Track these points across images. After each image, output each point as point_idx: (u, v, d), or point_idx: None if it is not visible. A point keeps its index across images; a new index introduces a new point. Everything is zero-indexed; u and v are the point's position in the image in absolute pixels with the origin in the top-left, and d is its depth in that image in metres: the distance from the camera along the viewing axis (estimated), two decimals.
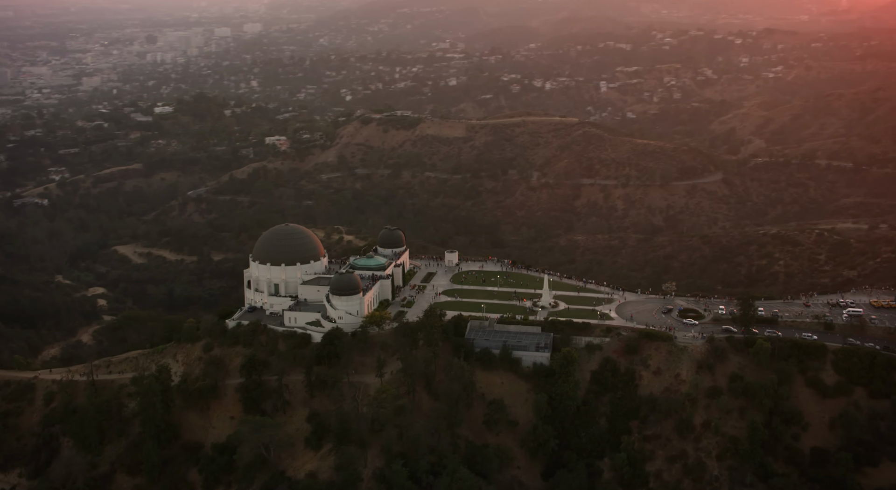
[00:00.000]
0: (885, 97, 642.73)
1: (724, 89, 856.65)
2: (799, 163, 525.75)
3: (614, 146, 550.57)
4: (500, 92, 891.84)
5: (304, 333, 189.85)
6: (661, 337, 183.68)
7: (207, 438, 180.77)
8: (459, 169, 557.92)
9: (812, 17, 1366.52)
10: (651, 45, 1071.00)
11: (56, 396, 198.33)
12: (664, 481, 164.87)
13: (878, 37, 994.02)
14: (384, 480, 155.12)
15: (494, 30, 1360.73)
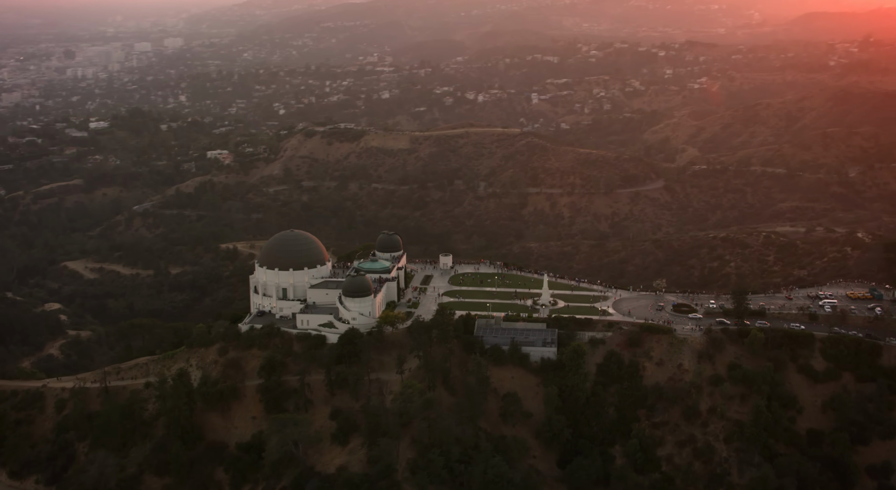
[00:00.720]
0: (809, 106, 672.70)
1: (651, 100, 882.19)
2: (735, 170, 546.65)
3: (557, 156, 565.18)
4: (434, 104, 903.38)
5: (319, 335, 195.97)
6: (661, 330, 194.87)
7: (231, 438, 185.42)
8: (406, 180, 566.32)
9: (728, 30, 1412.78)
10: (578, 57, 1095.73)
11: (68, 404, 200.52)
12: (676, 465, 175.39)
13: (794, 49, 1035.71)
14: (417, 471, 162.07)
15: (420, 43, 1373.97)
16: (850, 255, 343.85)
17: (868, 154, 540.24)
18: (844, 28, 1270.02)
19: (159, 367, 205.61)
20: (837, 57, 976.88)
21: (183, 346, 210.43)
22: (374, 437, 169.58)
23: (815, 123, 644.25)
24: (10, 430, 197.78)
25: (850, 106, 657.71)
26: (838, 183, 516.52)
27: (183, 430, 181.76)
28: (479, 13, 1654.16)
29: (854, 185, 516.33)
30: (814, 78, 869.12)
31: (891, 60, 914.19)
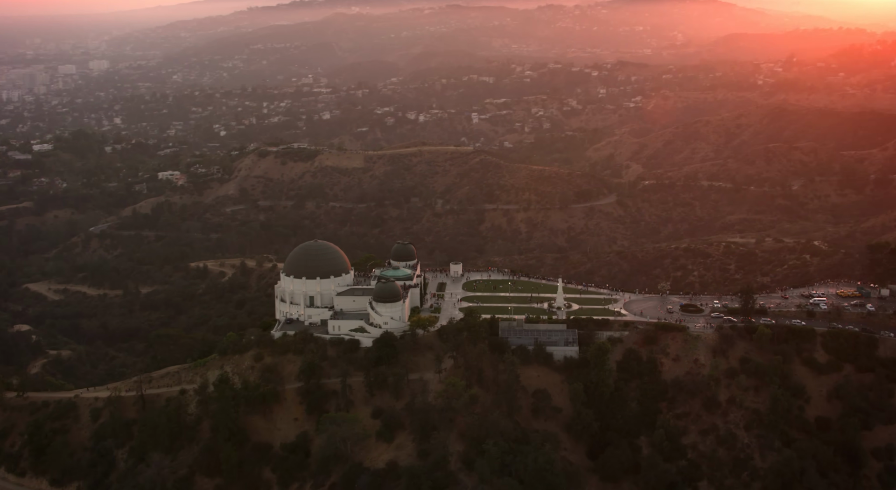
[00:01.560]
0: (747, 123, 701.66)
1: (588, 119, 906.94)
2: (683, 184, 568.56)
3: (511, 173, 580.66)
4: (376, 125, 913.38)
5: (353, 339, 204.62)
6: (676, 328, 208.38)
7: (274, 439, 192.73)
8: (364, 198, 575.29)
9: (654, 51, 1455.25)
10: (513, 77, 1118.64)
11: (103, 412, 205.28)
12: (701, 452, 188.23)
13: (722, 69, 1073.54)
14: (468, 462, 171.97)
15: (353, 65, 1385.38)
16: (810, 261, 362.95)
17: (808, 168, 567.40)
18: (764, 49, 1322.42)
19: (191, 374, 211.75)
20: (763, 76, 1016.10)
21: (213, 355, 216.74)
22: (422, 433, 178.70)
23: (752, 139, 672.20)
24: (46, 440, 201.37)
25: (785, 122, 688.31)
26: (782, 196, 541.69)
27: (230, 433, 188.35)
28: (409, 35, 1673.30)
29: (797, 198, 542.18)
30: (744, 96, 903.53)
31: (814, 79, 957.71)
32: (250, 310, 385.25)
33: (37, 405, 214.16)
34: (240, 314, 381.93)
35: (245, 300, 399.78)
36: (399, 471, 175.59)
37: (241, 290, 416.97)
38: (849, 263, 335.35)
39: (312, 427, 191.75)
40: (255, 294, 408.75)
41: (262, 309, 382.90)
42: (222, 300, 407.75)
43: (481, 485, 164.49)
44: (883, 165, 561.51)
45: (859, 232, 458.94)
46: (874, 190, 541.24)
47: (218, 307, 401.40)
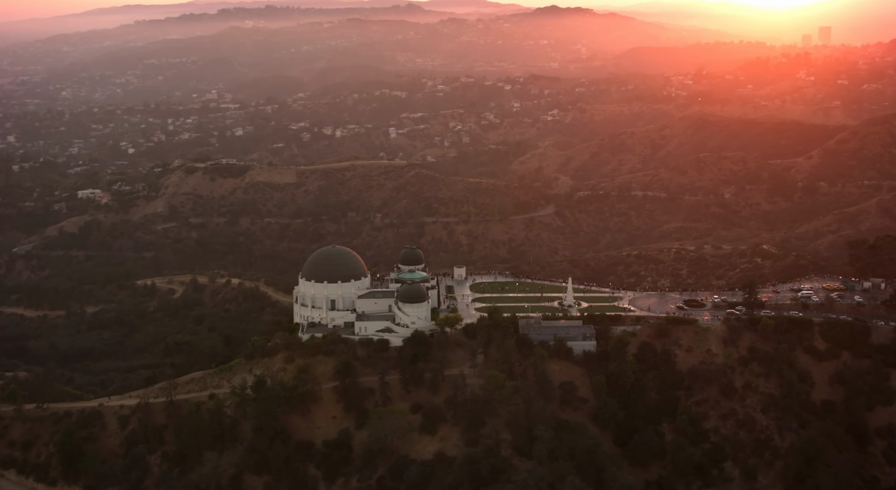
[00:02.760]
0: (671, 134, 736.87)
1: (507, 132, 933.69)
2: (618, 195, 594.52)
3: (448, 186, 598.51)
4: (291, 140, 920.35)
5: (382, 339, 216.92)
6: (685, 321, 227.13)
7: (315, 437, 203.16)
8: (300, 213, 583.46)
9: (561, 65, 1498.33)
10: (425, 92, 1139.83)
11: (131, 419, 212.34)
12: (722, 435, 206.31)
13: (633, 82, 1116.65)
14: (518, 448, 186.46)
15: (257, 80, 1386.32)
16: (762, 264, 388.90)
17: (738, 176, 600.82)
18: (669, 62, 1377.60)
19: (217, 379, 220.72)
20: (674, 89, 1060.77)
21: (238, 359, 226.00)
22: (468, 424, 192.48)
23: (678, 150, 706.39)
24: (76, 447, 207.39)
25: (708, 133, 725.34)
26: (716, 204, 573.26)
27: (274, 432, 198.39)
28: (311, 49, 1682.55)
29: (730, 206, 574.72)
30: (660, 108, 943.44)
31: (726, 91, 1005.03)
32: (211, 325, 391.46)
33: (59, 415, 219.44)
34: (200, 330, 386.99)
35: (203, 316, 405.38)
36: (447, 460, 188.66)
37: (196, 306, 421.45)
38: (802, 265, 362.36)
39: (352, 424, 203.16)
40: (212, 309, 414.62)
41: (223, 324, 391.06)
42: (178, 317, 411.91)
43: (539, 468, 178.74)
44: (809, 173, 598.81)
45: (794, 237, 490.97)
46: (802, 197, 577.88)
47: (174, 324, 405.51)
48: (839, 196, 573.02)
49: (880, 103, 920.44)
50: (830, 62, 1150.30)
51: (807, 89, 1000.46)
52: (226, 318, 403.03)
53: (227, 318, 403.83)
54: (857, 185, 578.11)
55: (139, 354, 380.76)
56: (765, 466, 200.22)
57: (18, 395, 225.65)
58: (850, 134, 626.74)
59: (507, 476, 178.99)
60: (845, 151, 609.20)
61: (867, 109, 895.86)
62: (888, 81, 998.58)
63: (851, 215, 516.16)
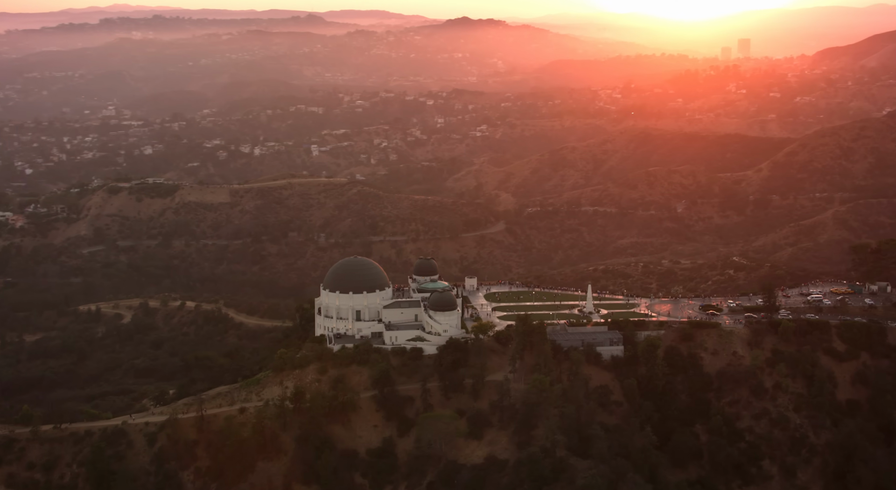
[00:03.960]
0: (613, 149, 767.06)
1: (435, 149, 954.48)
2: (567, 211, 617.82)
3: (393, 203, 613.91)
4: (207, 159, 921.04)
5: (415, 347, 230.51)
6: (709, 325, 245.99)
7: (358, 446, 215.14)
8: (238, 234, 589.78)
9: (480, 79, 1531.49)
10: (343, 108, 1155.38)
11: (158, 436, 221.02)
12: (757, 434, 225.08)
13: (560, 96, 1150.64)
14: (571, 448, 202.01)
15: (156, 95, 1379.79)
16: (735, 276, 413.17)
17: (689, 191, 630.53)
18: (591, 75, 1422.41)
19: (244, 393, 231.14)
20: (603, 103, 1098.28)
21: (265, 372, 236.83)
22: (518, 427, 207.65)
23: (621, 165, 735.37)
24: (105, 465, 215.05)
25: (652, 147, 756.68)
26: (669, 218, 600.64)
27: (320, 441, 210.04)
28: (210, 63, 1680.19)
29: (683, 220, 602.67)
30: (592, 123, 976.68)
31: (658, 105, 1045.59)
32: (171, 350, 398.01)
33: (79, 435, 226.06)
34: (160, 354, 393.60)
35: (161, 340, 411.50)
36: (498, 463, 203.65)
37: (150, 330, 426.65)
38: (779, 275, 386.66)
39: (394, 432, 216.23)
40: (170, 334, 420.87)
41: (185, 348, 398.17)
42: (132, 342, 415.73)
43: (599, 465, 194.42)
44: (760, 186, 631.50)
45: (751, 251, 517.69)
46: (755, 210, 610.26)
47: (128, 350, 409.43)
48: (791, 209, 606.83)
49: (815, 116, 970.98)
50: (759, 75, 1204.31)
51: (739, 103, 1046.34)
52: (186, 342, 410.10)
53: (187, 341, 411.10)
54: (808, 197, 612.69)
55: (95, 382, 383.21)
56: (803, 463, 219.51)
57: (35, 416, 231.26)
58: (798, 146, 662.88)
59: (569, 475, 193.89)
60: (795, 164, 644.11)
61: (802, 122, 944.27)
62: (820, 94, 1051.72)
63: (808, 228, 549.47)
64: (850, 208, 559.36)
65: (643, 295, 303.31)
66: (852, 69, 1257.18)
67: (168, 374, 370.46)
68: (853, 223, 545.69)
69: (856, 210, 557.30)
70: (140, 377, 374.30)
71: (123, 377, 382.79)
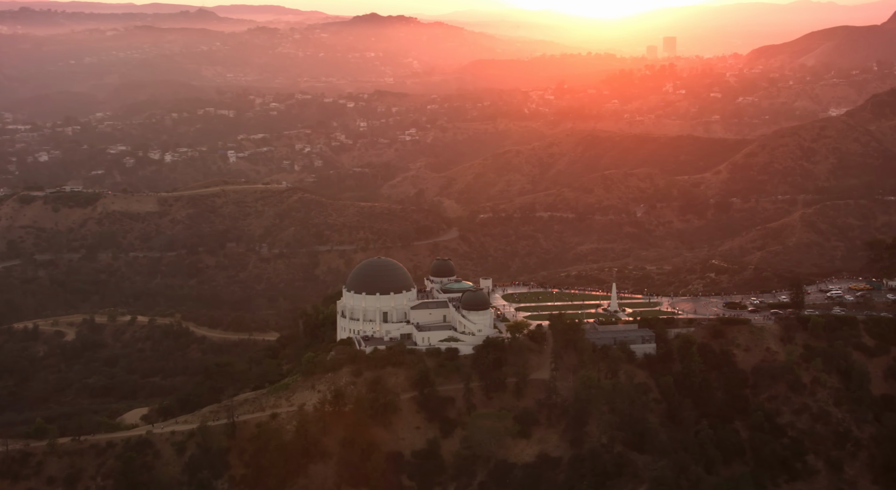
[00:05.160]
0: (559, 152, 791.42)
1: (362, 154, 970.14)
2: (521, 217, 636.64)
3: (338, 210, 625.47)
4: (112, 167, 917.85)
5: (450, 348, 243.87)
6: (739, 321, 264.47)
7: (402, 448, 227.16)
8: (172, 245, 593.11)
9: (397, 80, 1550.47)
10: (256, 110, 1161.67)
11: (187, 445, 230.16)
12: (799, 430, 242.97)
13: (489, 98, 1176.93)
14: (626, 443, 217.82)
15: (39, 97, 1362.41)
16: (717, 279, 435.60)
17: (647, 194, 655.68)
18: (515, 75, 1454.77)
19: (272, 398, 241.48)
20: (535, 105, 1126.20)
21: (293, 376, 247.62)
22: (570, 424, 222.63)
23: (569, 169, 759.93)
24: (135, 476, 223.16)
25: (601, 150, 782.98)
26: (629, 223, 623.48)
27: (366, 444, 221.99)
28: (95, 61, 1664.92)
29: (644, 225, 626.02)
30: (527, 126, 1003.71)
31: (594, 107, 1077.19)
32: (129, 367, 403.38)
33: (101, 447, 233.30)
34: (118, 372, 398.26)
35: (115, 357, 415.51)
36: (552, 461, 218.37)
37: (99, 348, 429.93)
38: (765, 277, 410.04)
39: (437, 434, 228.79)
40: (123, 350, 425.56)
41: (144, 364, 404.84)
42: (80, 360, 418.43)
43: (662, 459, 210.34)
44: (720, 189, 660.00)
45: (718, 255, 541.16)
46: (716, 214, 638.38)
47: (78, 368, 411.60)
48: (754, 212, 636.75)
49: (760, 117, 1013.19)
50: (696, 75, 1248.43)
51: (679, 103, 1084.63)
52: (143, 359, 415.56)
53: (146, 357, 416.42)
54: (771, 200, 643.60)
55: (45, 404, 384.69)
56: (849, 458, 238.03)
57: (51, 429, 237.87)
58: (758, 147, 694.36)
59: (631, 469, 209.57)
60: (754, 165, 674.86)
61: (748, 123, 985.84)
62: (763, 94, 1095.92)
63: (775, 231, 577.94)
64: (817, 210, 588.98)
65: (662, 293, 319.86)
66: (791, 68, 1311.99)
67: (128, 392, 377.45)
68: (821, 225, 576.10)
69: (823, 212, 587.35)
70: (96, 397, 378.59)
71: (76, 398, 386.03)
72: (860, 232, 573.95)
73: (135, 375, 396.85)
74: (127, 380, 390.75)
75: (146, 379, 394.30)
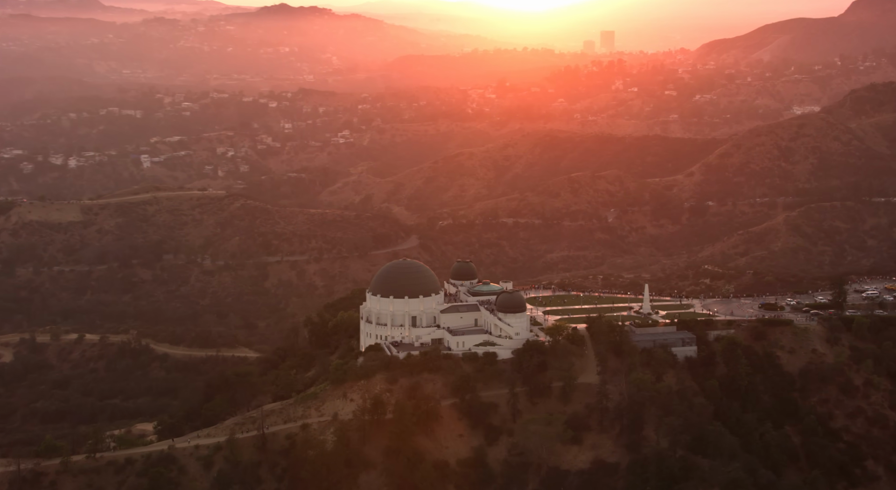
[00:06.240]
0: (515, 154, 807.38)
1: (292, 158, 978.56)
2: (484, 223, 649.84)
3: (286, 218, 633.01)
4: (7, 173, 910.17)
5: (488, 352, 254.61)
6: (781, 322, 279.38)
7: (447, 457, 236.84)
8: (103, 258, 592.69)
9: (318, 78, 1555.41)
10: (167, 111, 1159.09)
11: (214, 459, 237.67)
12: (855, 434, 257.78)
13: (425, 97, 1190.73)
14: (686, 445, 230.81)
15: None
16: (714, 284, 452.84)
17: (617, 198, 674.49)
18: (446, 73, 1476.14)
19: (301, 409, 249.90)
20: (476, 104, 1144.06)
21: (321, 385, 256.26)
22: (623, 429, 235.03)
23: (527, 172, 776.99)
24: None
25: (560, 151, 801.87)
26: (601, 229, 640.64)
27: (412, 453, 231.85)
28: None
29: (616, 231, 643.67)
30: (472, 127, 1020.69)
31: (541, 106, 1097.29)
32: (83, 389, 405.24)
33: (119, 464, 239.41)
34: (72, 395, 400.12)
35: (66, 379, 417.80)
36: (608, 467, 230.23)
37: (43, 369, 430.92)
38: (768, 281, 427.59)
39: (482, 441, 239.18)
40: (74, 371, 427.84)
41: (102, 385, 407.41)
42: (25, 383, 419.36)
43: (730, 462, 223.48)
44: (694, 192, 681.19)
45: (699, 262, 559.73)
46: (691, 218, 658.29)
47: (23, 392, 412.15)
48: (731, 216, 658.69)
49: (720, 115, 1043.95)
50: (647, 71, 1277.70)
51: (632, 102, 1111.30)
52: (99, 379, 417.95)
53: (101, 378, 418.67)
54: (749, 203, 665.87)
55: None
56: None
57: (63, 447, 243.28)
58: (732, 147, 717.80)
59: (700, 473, 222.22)
60: (729, 166, 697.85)
61: (708, 123, 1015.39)
62: (721, 92, 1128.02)
63: (759, 235, 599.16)
64: (802, 213, 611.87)
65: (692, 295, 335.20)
66: (747, 63, 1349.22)
67: (86, 416, 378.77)
68: (807, 229, 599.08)
69: (808, 215, 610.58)
70: (49, 422, 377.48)
71: (24, 424, 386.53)
72: (848, 236, 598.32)
73: (91, 398, 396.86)
74: (82, 403, 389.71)
75: (105, 401, 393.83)
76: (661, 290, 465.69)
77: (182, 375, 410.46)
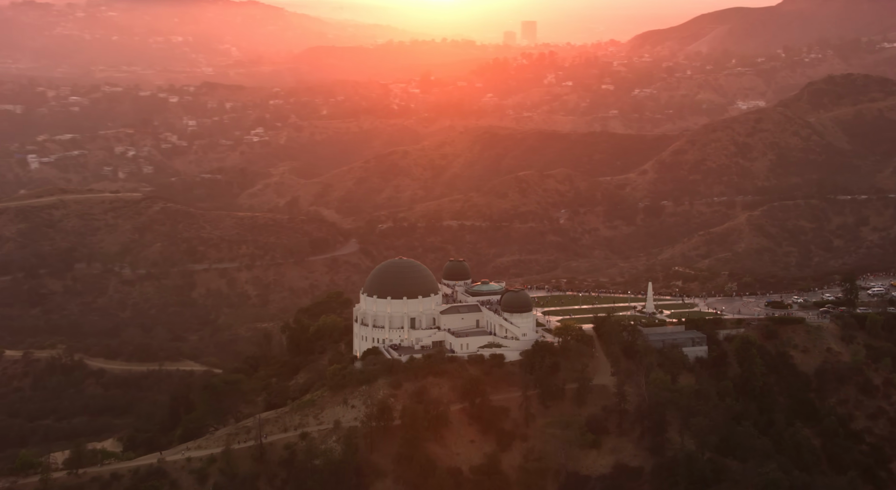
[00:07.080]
0: (453, 152, 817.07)
1: (201, 158, 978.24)
2: (426, 226, 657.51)
3: (212, 223, 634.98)
4: None
5: (496, 354, 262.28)
6: (793, 321, 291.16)
7: (459, 463, 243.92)
8: (5, 268, 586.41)
9: (218, 70, 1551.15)
10: (52, 106, 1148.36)
11: (208, 472, 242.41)
12: (878, 435, 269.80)
13: (343, 91, 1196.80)
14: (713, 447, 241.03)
15: None
16: (687, 287, 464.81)
17: (567, 198, 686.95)
18: (360, 66, 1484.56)
19: (298, 417, 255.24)
20: (399, 99, 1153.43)
21: (319, 391, 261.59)
22: (645, 431, 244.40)
23: (466, 172, 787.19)
24: None
25: (501, 150, 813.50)
26: (552, 231, 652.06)
27: (425, 460, 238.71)
28: None
29: (568, 233, 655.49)
30: (398, 123, 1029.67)
31: (473, 102, 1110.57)
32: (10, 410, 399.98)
33: (104, 480, 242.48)
34: None
35: None
36: (630, 471, 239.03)
37: None
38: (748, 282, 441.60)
39: (494, 447, 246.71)
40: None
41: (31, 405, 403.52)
42: None
43: (766, 461, 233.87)
44: (648, 191, 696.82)
45: (659, 265, 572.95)
46: (646, 219, 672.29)
47: None
48: (688, 216, 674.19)
49: (662, 111, 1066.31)
50: (580, 64, 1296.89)
51: (567, 97, 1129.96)
52: (26, 398, 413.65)
53: (28, 398, 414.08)
54: (706, 202, 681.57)
55: None
56: None
57: (42, 463, 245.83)
58: (686, 143, 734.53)
59: (732, 476, 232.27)
60: (684, 164, 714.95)
61: (650, 119, 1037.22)
62: (661, 85, 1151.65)
63: (720, 236, 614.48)
64: (764, 213, 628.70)
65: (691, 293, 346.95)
66: (685, 56, 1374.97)
67: (14, 439, 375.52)
68: (771, 229, 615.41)
69: (770, 214, 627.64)
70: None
71: None
72: (814, 235, 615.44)
73: (19, 419, 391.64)
74: (9, 425, 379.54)
75: (36, 422, 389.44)
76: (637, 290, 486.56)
77: (123, 392, 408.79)
